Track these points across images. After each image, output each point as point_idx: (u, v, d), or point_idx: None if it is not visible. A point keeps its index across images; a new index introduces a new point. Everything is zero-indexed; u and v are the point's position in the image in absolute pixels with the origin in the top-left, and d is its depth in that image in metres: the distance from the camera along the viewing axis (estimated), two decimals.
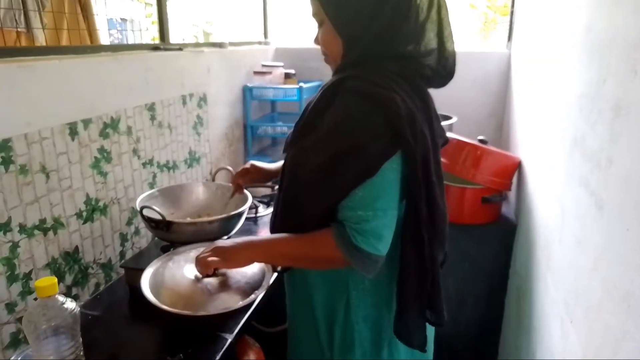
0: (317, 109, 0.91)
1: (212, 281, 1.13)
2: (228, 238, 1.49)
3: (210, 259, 1.01)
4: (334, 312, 0.99)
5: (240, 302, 1.10)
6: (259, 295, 1.15)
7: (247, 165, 1.37)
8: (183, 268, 1.18)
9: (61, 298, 0.93)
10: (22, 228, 1.17)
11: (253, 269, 1.20)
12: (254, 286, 1.17)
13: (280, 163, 1.41)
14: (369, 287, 0.97)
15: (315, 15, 0.95)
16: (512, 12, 2.63)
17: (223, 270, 1.14)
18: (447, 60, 0.92)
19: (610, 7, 0.98)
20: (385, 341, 0.98)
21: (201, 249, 1.09)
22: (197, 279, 1.12)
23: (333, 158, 0.85)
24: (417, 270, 0.91)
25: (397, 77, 0.88)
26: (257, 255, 1.02)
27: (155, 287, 1.14)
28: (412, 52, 0.89)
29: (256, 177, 1.36)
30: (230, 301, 1.10)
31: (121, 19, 4.55)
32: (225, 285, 1.14)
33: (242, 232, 1.45)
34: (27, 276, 1.19)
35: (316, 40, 0.98)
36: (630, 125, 0.80)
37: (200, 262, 1.03)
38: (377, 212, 0.85)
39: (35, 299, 0.92)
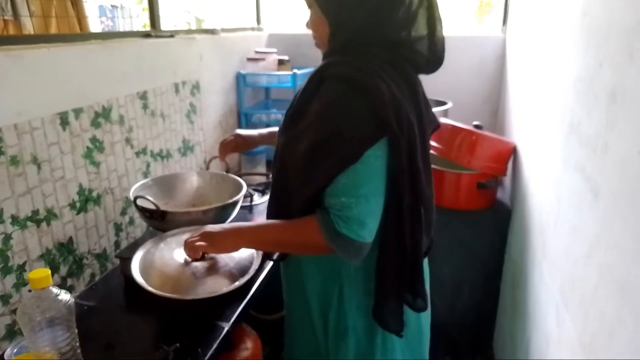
0: (304, 97, 0.91)
1: (200, 265, 1.14)
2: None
3: (198, 243, 1.02)
4: (327, 301, 1.00)
5: (228, 287, 1.12)
6: (244, 281, 1.16)
7: (231, 137, 1.43)
8: (173, 251, 1.19)
9: (55, 290, 0.93)
10: (15, 219, 1.16)
11: (241, 255, 1.21)
12: (242, 271, 1.18)
13: (267, 129, 1.45)
14: (362, 276, 0.97)
15: None
16: None
17: (212, 255, 1.15)
18: (436, 46, 0.91)
19: None
20: (379, 329, 0.99)
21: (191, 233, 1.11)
22: (186, 263, 1.14)
23: (316, 144, 0.85)
24: (396, 256, 0.91)
25: (384, 64, 0.87)
26: (244, 241, 1.02)
27: (145, 269, 1.15)
28: (403, 39, 0.89)
29: (242, 146, 1.44)
30: (218, 285, 1.12)
31: (112, 5, 4.48)
32: (213, 269, 1.15)
33: (237, 220, 1.45)
34: (21, 268, 1.18)
35: (307, 24, 0.98)
36: (626, 111, 0.79)
37: (188, 246, 1.05)
38: (360, 199, 0.84)
39: (30, 290, 0.92)
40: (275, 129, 1.40)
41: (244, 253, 1.23)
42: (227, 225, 1.05)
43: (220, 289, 1.11)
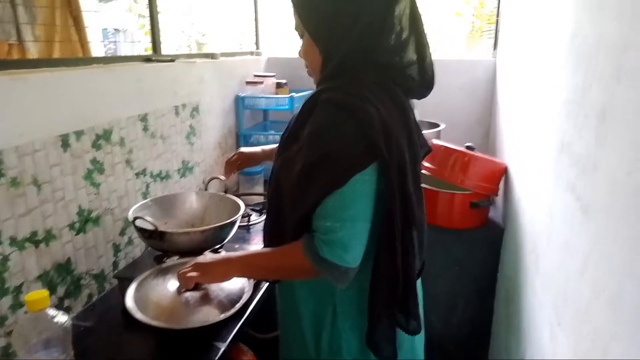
0: (299, 121, 0.93)
1: (193, 295, 1.19)
2: (221, 246, 1.50)
3: (190, 274, 1.07)
4: (321, 321, 1.00)
5: (219, 316, 1.16)
6: (235, 310, 1.20)
7: (235, 155, 1.50)
8: (167, 282, 1.24)
9: (52, 311, 0.93)
10: (13, 241, 1.16)
11: (232, 285, 1.26)
12: (233, 300, 1.22)
13: (270, 146, 1.48)
14: (356, 295, 0.97)
15: (296, 28, 0.98)
16: (497, 21, 2.68)
17: (205, 285, 1.20)
18: (426, 71, 0.93)
19: (595, 12, 1.00)
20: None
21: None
22: (179, 293, 1.19)
23: (306, 167, 0.86)
24: (388, 279, 0.91)
25: (376, 88, 0.88)
26: (234, 269, 1.05)
27: (140, 300, 1.19)
28: (394, 64, 0.91)
29: (246, 163, 1.51)
30: (210, 315, 1.16)
31: (114, 29, 4.56)
32: (206, 299, 1.20)
33: (235, 240, 1.46)
34: (18, 289, 1.18)
35: (300, 53, 1.00)
36: (615, 131, 0.82)
37: (181, 277, 1.10)
38: (345, 223, 0.85)
39: (26, 312, 0.92)
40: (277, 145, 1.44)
41: (237, 283, 1.27)
42: (217, 255, 1.11)
43: (212, 318, 1.15)
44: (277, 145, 1.40)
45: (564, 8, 1.25)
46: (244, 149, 1.51)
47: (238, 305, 1.20)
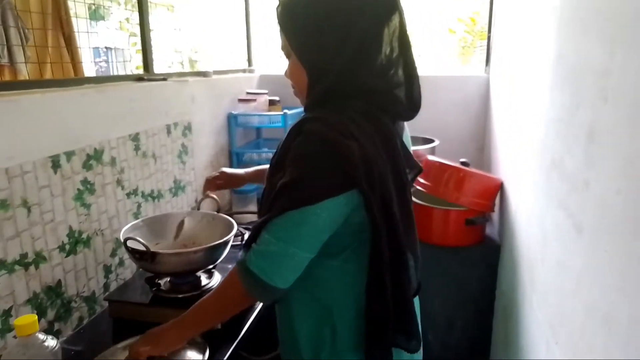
0: (284, 149, 0.92)
1: None
2: (214, 267, 1.48)
3: (141, 348, 1.01)
4: (320, 343, 0.99)
5: None
6: None
7: (217, 173, 1.46)
8: None
9: (41, 336, 0.92)
10: (2, 264, 1.15)
11: (191, 356, 1.18)
12: None
13: (253, 168, 1.46)
14: (354, 314, 0.96)
15: (283, 48, 0.98)
16: (489, 37, 2.71)
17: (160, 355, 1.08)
18: (412, 92, 0.93)
19: (577, 36, 1.02)
20: None
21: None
22: None
23: (278, 189, 0.86)
24: (383, 304, 0.91)
25: (361, 117, 0.88)
26: (185, 330, 1.02)
27: None
28: (381, 87, 0.91)
29: (227, 183, 1.47)
30: None
31: (106, 47, 4.58)
32: None
33: (228, 260, 1.45)
34: (7, 313, 1.16)
35: (286, 73, 1.00)
36: (604, 151, 0.82)
37: (131, 353, 1.03)
38: (280, 242, 0.85)
39: (15, 336, 0.90)
40: (262, 167, 1.42)
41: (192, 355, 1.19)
42: (166, 324, 1.03)
43: None
44: (261, 167, 1.40)
45: (549, 28, 1.27)
46: (226, 170, 1.48)
47: None
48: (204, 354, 1.16)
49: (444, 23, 4.53)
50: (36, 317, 0.91)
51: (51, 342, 0.94)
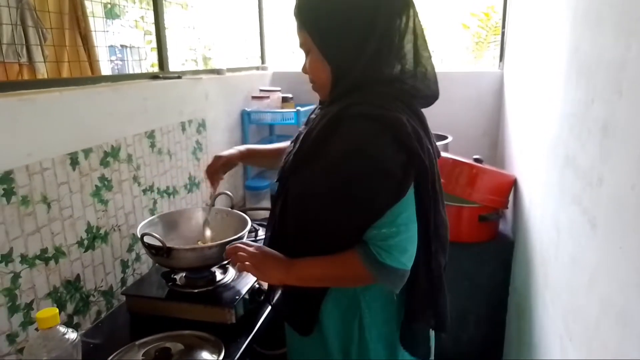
0: (318, 138, 0.92)
1: None
2: (228, 262, 1.49)
3: (247, 262, 0.99)
4: (348, 334, 1.00)
5: None
6: None
7: (216, 160, 1.35)
8: None
9: (62, 329, 0.94)
10: (24, 258, 1.18)
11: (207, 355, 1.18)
12: None
13: (245, 146, 1.40)
14: (380, 304, 0.99)
15: (302, 45, 0.98)
16: (503, 33, 2.69)
17: None
18: (429, 80, 0.95)
19: (593, 29, 1.01)
20: (399, 358, 1.01)
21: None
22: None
23: (353, 181, 0.87)
24: (426, 279, 0.96)
25: (394, 99, 0.91)
26: (290, 280, 1.00)
27: None
28: (397, 75, 0.94)
29: (226, 166, 1.35)
30: None
31: (121, 45, 4.62)
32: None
33: None
34: (29, 306, 1.19)
35: (304, 69, 1.01)
36: (618, 146, 0.82)
37: (237, 256, 1.00)
38: (400, 228, 0.88)
39: (37, 329, 0.93)
40: (253, 146, 1.40)
41: None
42: (276, 256, 1.01)
43: None
44: (252, 146, 1.38)
45: (564, 22, 1.26)
46: (220, 154, 1.37)
47: None
48: (219, 353, 1.17)
49: (457, 18, 4.49)
50: (57, 310, 0.93)
51: (72, 335, 0.96)
